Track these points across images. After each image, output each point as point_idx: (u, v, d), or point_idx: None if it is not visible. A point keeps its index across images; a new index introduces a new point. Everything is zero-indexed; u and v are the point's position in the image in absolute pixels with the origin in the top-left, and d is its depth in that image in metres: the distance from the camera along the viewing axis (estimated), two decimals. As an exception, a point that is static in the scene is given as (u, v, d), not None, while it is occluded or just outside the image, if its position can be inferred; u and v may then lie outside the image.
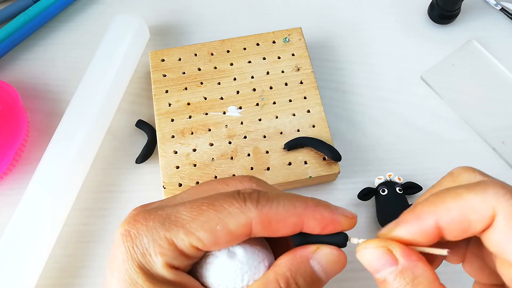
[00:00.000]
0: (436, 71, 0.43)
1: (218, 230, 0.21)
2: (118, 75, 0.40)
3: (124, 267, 0.21)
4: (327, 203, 0.23)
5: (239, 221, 0.21)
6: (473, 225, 0.20)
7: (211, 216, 0.21)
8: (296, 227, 0.22)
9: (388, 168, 0.39)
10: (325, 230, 0.22)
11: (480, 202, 0.20)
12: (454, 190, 0.21)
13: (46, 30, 0.47)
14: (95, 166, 0.40)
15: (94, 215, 0.38)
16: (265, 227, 0.21)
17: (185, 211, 0.21)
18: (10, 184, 0.39)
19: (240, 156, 0.37)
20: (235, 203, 0.21)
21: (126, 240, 0.21)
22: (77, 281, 0.36)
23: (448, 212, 0.20)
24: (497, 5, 0.47)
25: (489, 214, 0.20)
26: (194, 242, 0.21)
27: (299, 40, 0.42)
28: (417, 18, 0.47)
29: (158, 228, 0.21)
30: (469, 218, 0.20)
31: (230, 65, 0.41)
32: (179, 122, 0.39)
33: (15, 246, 0.33)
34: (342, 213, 0.22)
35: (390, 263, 0.21)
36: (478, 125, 0.41)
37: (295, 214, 0.21)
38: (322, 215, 0.22)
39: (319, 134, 0.38)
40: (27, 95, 0.43)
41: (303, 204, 0.22)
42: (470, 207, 0.20)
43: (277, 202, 0.21)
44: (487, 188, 0.20)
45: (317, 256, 0.22)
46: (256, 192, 0.22)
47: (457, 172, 0.23)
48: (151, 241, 0.21)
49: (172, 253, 0.21)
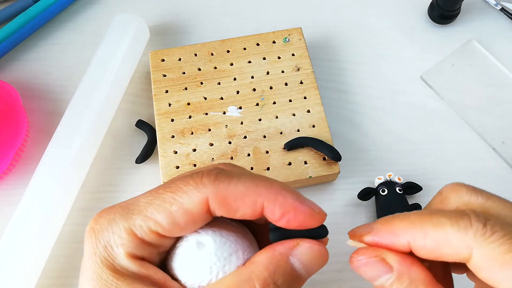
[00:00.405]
0: (436, 71, 0.43)
1: (174, 210, 0.20)
2: (118, 75, 0.40)
3: (89, 263, 0.20)
4: (297, 191, 0.21)
5: (194, 199, 0.20)
6: (445, 257, 0.20)
7: (166, 197, 0.20)
8: (256, 208, 0.20)
9: (388, 168, 0.39)
10: (285, 216, 0.20)
11: (459, 240, 0.19)
12: (436, 217, 0.20)
13: (46, 30, 0.47)
14: (95, 166, 0.40)
15: (94, 215, 0.38)
16: (221, 204, 0.20)
17: (142, 198, 0.21)
18: (10, 184, 0.39)
19: (240, 156, 0.37)
20: (190, 181, 0.20)
21: (90, 236, 0.21)
22: (77, 281, 0.35)
23: (423, 238, 0.20)
24: (497, 5, 0.47)
25: (465, 253, 0.19)
26: (152, 226, 0.20)
27: (299, 40, 0.42)
28: (417, 18, 0.47)
29: (117, 219, 0.20)
30: (443, 250, 0.20)
31: (230, 65, 0.41)
32: (179, 122, 0.39)
33: (15, 246, 0.33)
34: (310, 205, 0.21)
35: (385, 271, 0.21)
36: (478, 125, 0.41)
37: (255, 192, 0.20)
38: (285, 199, 0.20)
39: (319, 134, 0.38)
40: (27, 95, 0.43)
41: (267, 185, 0.20)
42: (447, 241, 0.20)
43: (238, 179, 0.20)
44: (470, 225, 0.19)
45: (297, 253, 0.21)
46: (217, 169, 0.21)
47: (446, 191, 0.22)
48: (111, 233, 0.20)
49: (133, 243, 0.20)
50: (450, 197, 0.22)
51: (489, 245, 0.19)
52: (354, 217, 0.38)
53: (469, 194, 0.21)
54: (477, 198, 0.21)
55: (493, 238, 0.19)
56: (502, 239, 0.19)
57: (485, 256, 0.19)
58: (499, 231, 0.19)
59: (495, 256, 0.19)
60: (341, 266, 0.35)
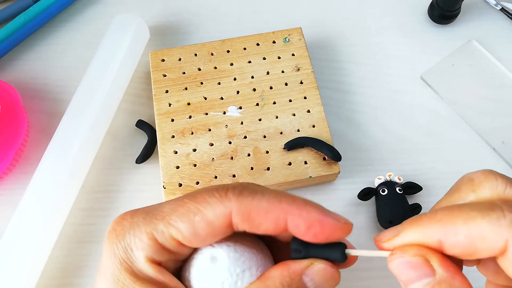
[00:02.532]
0: (436, 71, 0.43)
1: (197, 221, 0.20)
2: (118, 75, 0.40)
3: (107, 263, 0.20)
4: (320, 205, 0.21)
5: (218, 212, 0.20)
6: (480, 253, 0.19)
7: (190, 207, 0.20)
8: (278, 223, 0.20)
9: (388, 168, 0.39)
10: (311, 230, 0.20)
11: (493, 232, 0.18)
12: (467, 212, 0.19)
13: (46, 30, 0.47)
14: (95, 166, 0.40)
15: (94, 215, 0.38)
16: (245, 219, 0.20)
17: (167, 205, 0.21)
18: (10, 184, 0.39)
19: (240, 156, 0.37)
20: (216, 194, 0.21)
21: (111, 237, 0.21)
22: (77, 281, 0.36)
23: (455, 235, 0.19)
24: (497, 5, 0.47)
25: (500, 246, 0.19)
26: (173, 233, 0.20)
27: (299, 40, 0.42)
28: (417, 18, 0.47)
29: (140, 223, 0.21)
30: (477, 245, 0.19)
31: (230, 65, 0.41)
32: (179, 122, 0.39)
33: (15, 246, 0.33)
34: (334, 217, 0.21)
35: (427, 274, 0.19)
36: (478, 125, 0.41)
37: (279, 208, 0.20)
38: (310, 213, 0.20)
39: (319, 134, 0.38)
40: (27, 95, 0.43)
41: (290, 200, 0.21)
42: (480, 235, 0.19)
43: (262, 195, 0.21)
44: (503, 216, 0.19)
45: (310, 272, 0.21)
46: (241, 185, 0.21)
47: (478, 179, 0.21)
48: (133, 236, 0.20)
49: (153, 248, 0.20)
50: (483, 186, 0.21)
51: None
52: (354, 217, 0.38)
53: (505, 185, 0.20)
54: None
55: None
56: None
57: None
58: None
59: None
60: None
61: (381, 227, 0.37)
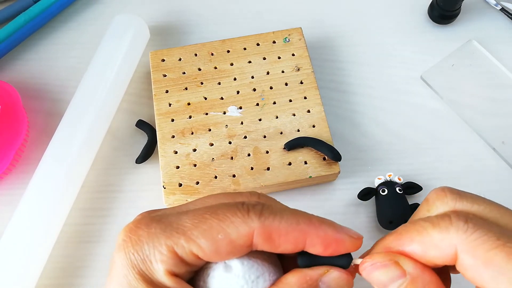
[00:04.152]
0: (436, 71, 0.43)
1: (220, 239, 0.20)
2: (118, 75, 0.40)
3: (123, 272, 0.20)
4: (332, 222, 0.22)
5: (241, 231, 0.21)
6: (435, 260, 0.20)
7: (213, 224, 0.21)
8: (298, 244, 0.21)
9: (388, 168, 0.39)
10: (328, 249, 0.22)
11: (442, 239, 0.20)
12: (419, 224, 0.21)
13: (46, 30, 0.47)
14: (95, 166, 0.40)
15: (94, 215, 0.38)
16: (266, 240, 0.21)
17: (187, 219, 0.21)
18: (10, 184, 0.39)
19: (240, 156, 0.37)
20: (238, 213, 0.21)
21: (126, 246, 0.21)
22: (77, 281, 0.36)
23: (410, 244, 0.21)
24: (497, 5, 0.47)
25: (451, 252, 0.20)
26: (194, 249, 0.20)
27: (299, 40, 0.42)
28: (417, 18, 0.47)
29: (159, 235, 0.21)
30: (431, 253, 0.20)
31: (230, 65, 0.41)
32: (179, 122, 0.39)
33: (15, 246, 0.33)
34: (347, 233, 0.22)
35: (399, 275, 0.21)
36: (478, 125, 0.41)
37: (298, 229, 0.21)
38: (326, 233, 0.21)
39: (319, 134, 0.38)
40: (27, 95, 0.43)
41: (307, 221, 0.21)
42: (432, 243, 0.20)
43: (281, 216, 0.21)
44: (450, 224, 0.20)
45: (327, 280, 0.22)
46: (261, 204, 0.22)
47: (431, 199, 0.23)
48: (152, 248, 0.21)
49: (173, 261, 0.20)
50: (436, 204, 0.22)
51: (472, 242, 0.19)
52: (354, 217, 0.38)
53: (454, 200, 0.22)
54: (462, 203, 0.21)
55: (476, 235, 0.19)
56: (485, 236, 0.19)
57: (469, 254, 0.19)
58: (481, 229, 0.19)
59: (478, 254, 0.19)
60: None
61: (381, 227, 0.37)
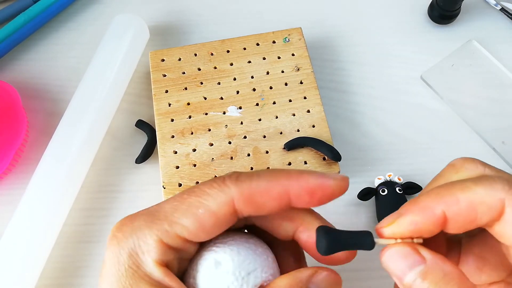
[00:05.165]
0: (436, 71, 0.43)
1: (201, 214, 0.20)
2: (118, 75, 0.40)
3: (111, 271, 0.20)
4: (312, 170, 0.22)
5: (220, 201, 0.20)
6: (480, 217, 0.20)
7: (191, 202, 0.20)
8: (282, 199, 0.21)
9: (388, 168, 0.39)
10: (314, 197, 0.21)
11: (489, 195, 0.20)
12: (462, 183, 0.21)
13: (46, 30, 0.47)
14: (95, 166, 0.40)
15: (94, 215, 0.38)
16: (248, 203, 0.21)
17: (167, 204, 0.21)
18: (10, 184, 0.39)
19: (240, 156, 0.37)
20: (214, 185, 0.21)
21: (112, 244, 0.21)
22: (77, 281, 0.36)
23: (456, 203, 0.20)
24: (497, 5, 0.47)
25: (498, 207, 0.20)
26: (178, 231, 0.20)
27: (299, 40, 0.42)
28: (417, 18, 0.47)
29: (142, 226, 0.21)
30: (477, 209, 0.20)
31: (230, 65, 0.41)
32: (179, 122, 0.39)
33: (15, 246, 0.33)
34: (330, 177, 0.22)
35: (418, 261, 0.20)
36: (478, 125, 0.41)
37: (278, 184, 0.21)
38: (308, 181, 0.21)
39: (319, 134, 0.38)
40: (27, 95, 0.43)
41: (285, 175, 0.21)
42: (478, 199, 0.20)
43: (258, 176, 0.21)
44: (495, 181, 0.20)
45: (316, 280, 0.22)
46: (236, 172, 0.22)
47: (459, 163, 0.23)
48: (137, 240, 0.20)
49: (160, 250, 0.20)
50: (465, 168, 0.22)
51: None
52: (354, 217, 0.38)
53: (483, 166, 0.22)
54: (490, 169, 0.22)
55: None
56: None
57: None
58: None
59: None
60: (341, 267, 0.35)
61: (381, 227, 0.37)
